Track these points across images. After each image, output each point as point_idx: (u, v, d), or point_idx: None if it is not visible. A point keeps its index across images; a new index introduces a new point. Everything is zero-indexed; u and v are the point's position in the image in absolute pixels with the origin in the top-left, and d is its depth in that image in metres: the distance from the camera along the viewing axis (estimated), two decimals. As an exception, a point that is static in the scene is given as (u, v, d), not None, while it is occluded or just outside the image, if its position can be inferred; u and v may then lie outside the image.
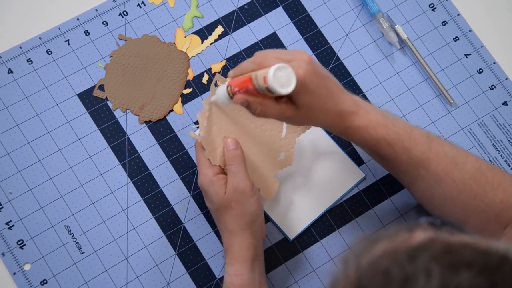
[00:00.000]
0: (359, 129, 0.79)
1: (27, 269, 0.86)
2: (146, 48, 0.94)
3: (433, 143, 0.80)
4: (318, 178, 0.91)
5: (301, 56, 0.76)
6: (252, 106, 0.75)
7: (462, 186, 0.79)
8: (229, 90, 0.76)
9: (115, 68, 0.94)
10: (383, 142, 0.79)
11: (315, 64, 0.76)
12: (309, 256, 0.89)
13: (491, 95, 0.97)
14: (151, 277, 0.87)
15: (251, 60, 0.76)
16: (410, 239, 0.49)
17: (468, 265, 0.45)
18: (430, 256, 0.46)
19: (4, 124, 0.90)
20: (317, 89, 0.75)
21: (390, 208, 0.92)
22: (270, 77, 0.70)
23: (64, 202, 0.89)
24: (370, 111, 0.80)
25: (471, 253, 0.46)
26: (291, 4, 0.98)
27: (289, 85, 0.71)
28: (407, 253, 0.47)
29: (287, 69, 0.71)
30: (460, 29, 0.99)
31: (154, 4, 0.97)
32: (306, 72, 0.74)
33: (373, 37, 0.98)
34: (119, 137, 0.92)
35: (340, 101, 0.78)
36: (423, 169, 0.80)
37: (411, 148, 0.79)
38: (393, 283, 0.45)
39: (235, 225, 0.80)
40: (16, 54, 0.93)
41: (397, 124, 0.80)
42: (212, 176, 0.81)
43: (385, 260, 0.47)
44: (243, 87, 0.74)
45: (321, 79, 0.76)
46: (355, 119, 0.79)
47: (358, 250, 0.50)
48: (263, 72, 0.71)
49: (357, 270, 0.48)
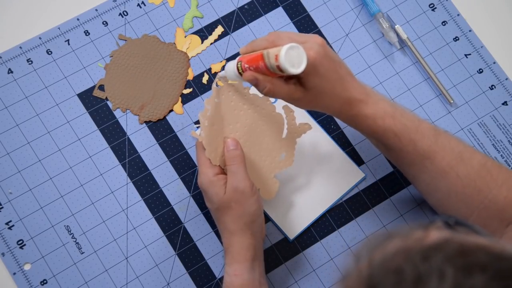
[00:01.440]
0: (367, 118, 0.79)
1: (27, 269, 0.86)
2: (146, 48, 0.94)
3: (440, 136, 0.80)
4: (318, 178, 0.91)
5: (314, 39, 0.76)
6: (261, 84, 0.75)
7: (467, 181, 0.79)
8: (239, 66, 0.76)
9: (115, 68, 0.94)
10: (390, 133, 0.79)
11: (328, 48, 0.76)
12: (309, 256, 0.89)
13: (491, 95, 0.97)
14: (151, 277, 0.87)
15: (265, 38, 0.77)
16: (425, 238, 0.49)
17: (482, 269, 0.44)
18: (444, 257, 0.45)
19: (4, 124, 0.90)
20: (327, 72, 0.75)
21: (390, 208, 0.92)
22: (282, 56, 0.70)
23: (64, 202, 0.89)
24: (379, 100, 0.79)
25: (485, 256, 0.45)
26: (291, 4, 0.98)
27: (299, 65, 0.71)
28: (421, 252, 0.46)
29: (299, 49, 0.71)
30: (460, 29, 0.99)
31: (154, 4, 0.97)
32: (318, 54, 0.74)
33: (373, 37, 0.98)
34: (119, 137, 0.92)
35: (350, 88, 0.78)
36: (429, 162, 0.79)
37: (417, 140, 0.79)
38: (405, 282, 0.45)
39: (234, 225, 0.80)
40: (16, 54, 0.93)
41: (405, 116, 0.80)
42: (212, 176, 0.81)
43: (399, 258, 0.47)
44: (254, 64, 0.74)
45: (333, 63, 0.76)
46: (363, 107, 0.78)
47: (371, 246, 0.50)
48: (276, 50, 0.72)
49: (370, 266, 0.48)
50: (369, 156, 0.93)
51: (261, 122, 0.85)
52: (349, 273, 0.50)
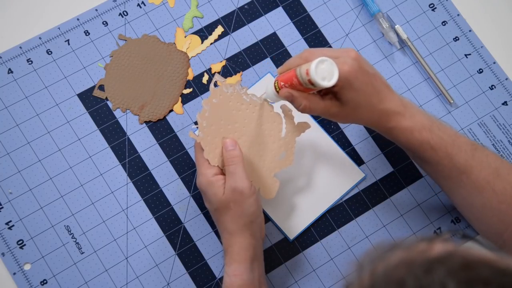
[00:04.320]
0: (404, 131, 0.79)
1: (27, 269, 0.86)
2: (146, 48, 0.95)
3: (477, 151, 0.80)
4: (318, 178, 0.92)
5: (347, 53, 0.76)
6: (297, 101, 0.76)
7: (503, 197, 0.78)
8: (276, 85, 0.79)
9: (115, 68, 0.94)
10: (426, 146, 0.79)
11: (362, 61, 0.76)
12: (309, 256, 0.89)
13: (491, 95, 0.97)
14: (151, 277, 0.87)
15: (298, 56, 0.78)
16: (428, 250, 0.48)
17: (485, 283, 0.44)
18: (447, 270, 0.45)
19: (4, 124, 0.91)
20: (362, 86, 0.76)
21: (390, 208, 0.92)
22: (312, 70, 0.72)
23: (64, 202, 0.89)
24: (416, 113, 0.80)
25: (489, 271, 0.45)
26: (291, 4, 0.98)
27: (331, 78, 0.72)
28: (424, 264, 0.46)
29: (329, 62, 0.72)
30: (460, 29, 0.99)
31: (154, 4, 0.97)
32: (352, 68, 0.74)
33: (373, 37, 0.98)
34: (119, 137, 0.92)
35: (387, 100, 0.78)
36: (465, 176, 0.79)
37: (454, 154, 0.79)
38: None
39: (234, 225, 0.80)
40: (16, 54, 0.93)
41: (442, 129, 0.80)
42: (211, 176, 0.81)
43: (401, 270, 0.46)
44: (289, 81, 0.76)
45: (367, 76, 0.76)
46: (400, 120, 0.79)
47: (374, 256, 0.50)
48: (306, 65, 0.73)
49: (372, 277, 0.48)
50: (369, 156, 0.93)
51: (260, 121, 0.85)
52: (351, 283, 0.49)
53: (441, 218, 0.91)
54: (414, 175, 0.93)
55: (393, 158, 0.93)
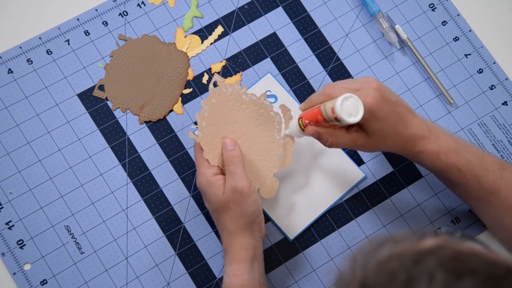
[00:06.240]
0: (431, 154, 0.79)
1: (27, 269, 0.86)
2: (146, 48, 0.94)
3: (505, 171, 0.80)
4: (318, 178, 0.91)
5: (368, 84, 0.77)
6: (324, 137, 0.77)
7: None
8: (300, 123, 0.80)
9: (115, 68, 0.94)
10: (454, 168, 0.79)
11: (383, 91, 0.77)
12: (309, 256, 0.89)
13: (491, 95, 0.97)
14: (151, 277, 0.87)
15: (320, 92, 0.79)
16: (419, 243, 0.49)
17: (473, 273, 0.44)
18: (436, 261, 0.46)
19: (4, 124, 0.91)
20: (386, 115, 0.76)
21: (390, 208, 0.92)
22: (338, 107, 0.72)
23: (64, 202, 0.89)
24: (441, 136, 0.80)
25: (478, 262, 0.46)
26: (291, 4, 0.98)
27: (357, 114, 0.73)
28: (413, 256, 0.47)
29: (354, 98, 0.73)
30: (460, 29, 0.99)
31: (154, 4, 0.97)
32: (374, 99, 0.75)
33: (373, 37, 0.98)
34: (119, 137, 0.92)
35: (411, 125, 0.79)
36: (494, 197, 0.79)
37: (482, 176, 0.79)
38: (396, 284, 0.46)
39: (234, 225, 0.80)
40: (16, 54, 0.93)
41: (468, 151, 0.80)
42: (211, 176, 0.81)
43: (392, 262, 0.48)
44: (314, 119, 0.78)
45: (390, 105, 0.77)
46: (426, 143, 0.79)
47: (367, 250, 0.51)
48: (331, 103, 0.74)
49: (364, 269, 0.49)
50: (369, 156, 0.93)
51: (259, 121, 0.85)
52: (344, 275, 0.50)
53: (441, 218, 0.91)
54: (414, 175, 0.93)
55: (393, 158, 0.93)
